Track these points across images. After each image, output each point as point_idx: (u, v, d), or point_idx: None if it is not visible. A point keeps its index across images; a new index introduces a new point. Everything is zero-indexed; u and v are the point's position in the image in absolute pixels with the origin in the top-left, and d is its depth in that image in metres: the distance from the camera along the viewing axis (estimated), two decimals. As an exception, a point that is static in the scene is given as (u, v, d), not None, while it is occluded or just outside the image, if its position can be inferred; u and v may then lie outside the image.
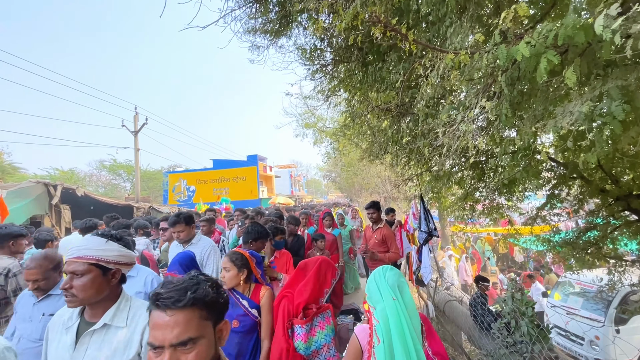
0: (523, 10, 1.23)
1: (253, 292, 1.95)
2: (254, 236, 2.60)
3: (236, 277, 1.91)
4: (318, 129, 11.83)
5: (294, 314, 1.94)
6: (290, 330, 1.89)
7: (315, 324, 1.95)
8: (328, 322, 1.99)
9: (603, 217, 3.58)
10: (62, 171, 23.38)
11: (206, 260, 2.77)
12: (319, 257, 2.34)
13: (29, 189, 7.55)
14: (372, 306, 1.43)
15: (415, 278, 4.29)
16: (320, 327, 1.95)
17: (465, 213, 4.31)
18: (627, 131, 1.42)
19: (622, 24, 1.14)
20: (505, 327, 2.65)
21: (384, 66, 3.01)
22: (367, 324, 1.42)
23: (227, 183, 22.84)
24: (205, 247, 2.83)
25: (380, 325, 1.33)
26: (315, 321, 1.96)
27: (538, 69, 1.30)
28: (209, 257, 2.80)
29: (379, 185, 14.43)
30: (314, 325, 1.94)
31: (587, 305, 5.34)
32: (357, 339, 1.42)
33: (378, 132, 3.86)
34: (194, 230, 2.88)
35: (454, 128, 1.49)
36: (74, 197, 8.51)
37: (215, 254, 2.84)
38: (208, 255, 2.80)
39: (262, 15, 3.56)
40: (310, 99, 8.26)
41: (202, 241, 2.89)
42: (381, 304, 1.39)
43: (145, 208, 10.33)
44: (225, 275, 1.92)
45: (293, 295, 2.03)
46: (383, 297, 1.40)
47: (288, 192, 33.70)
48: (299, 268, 2.23)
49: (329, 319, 2.02)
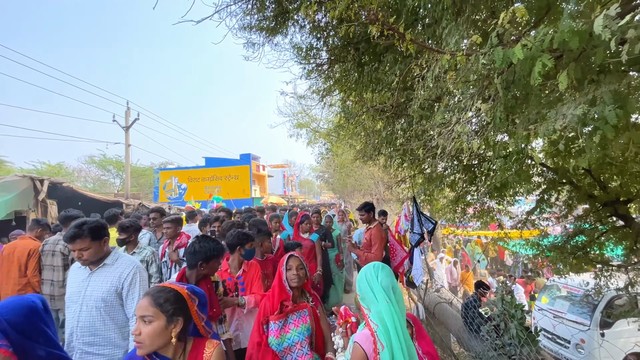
0: (521, 12, 1.23)
1: (191, 354, 1.32)
2: (204, 256, 1.94)
3: (163, 333, 1.22)
4: (312, 129, 11.83)
5: (270, 311, 1.92)
6: (265, 325, 1.90)
7: (290, 322, 1.93)
8: (304, 321, 1.95)
9: (591, 223, 3.65)
10: (50, 165, 22.85)
11: (128, 292, 1.95)
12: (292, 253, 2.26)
13: (14, 183, 7.36)
14: (366, 307, 1.41)
15: (406, 280, 4.30)
16: (295, 325, 1.92)
17: (456, 216, 4.34)
18: (618, 137, 1.43)
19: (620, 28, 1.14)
20: (495, 330, 2.66)
21: (380, 67, 3.01)
22: (368, 330, 1.38)
23: (220, 181, 22.65)
24: (125, 270, 1.97)
25: (380, 330, 1.32)
26: (290, 318, 1.93)
27: (532, 72, 1.31)
28: (132, 287, 1.96)
29: (372, 187, 14.48)
30: (288, 322, 1.92)
31: (573, 309, 5.43)
32: (362, 347, 1.36)
33: (372, 133, 3.86)
34: (106, 247, 1.98)
35: (449, 129, 1.49)
36: (61, 192, 8.32)
37: (142, 280, 2.02)
38: (131, 283, 1.95)
39: (258, 12, 3.53)
40: (305, 99, 8.25)
41: (120, 262, 2.00)
42: (375, 306, 1.37)
43: (135, 205, 10.16)
44: (144, 331, 1.20)
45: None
46: (378, 299, 1.37)
47: (281, 191, 33.61)
48: (278, 265, 2.16)
49: (306, 318, 1.97)
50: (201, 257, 1.93)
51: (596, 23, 0.99)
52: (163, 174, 23.49)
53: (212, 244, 2.00)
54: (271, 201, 18.35)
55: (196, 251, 1.95)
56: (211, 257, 1.97)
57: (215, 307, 1.96)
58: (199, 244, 1.97)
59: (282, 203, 19.53)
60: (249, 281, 2.49)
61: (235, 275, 2.49)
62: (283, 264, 2.02)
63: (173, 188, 23.03)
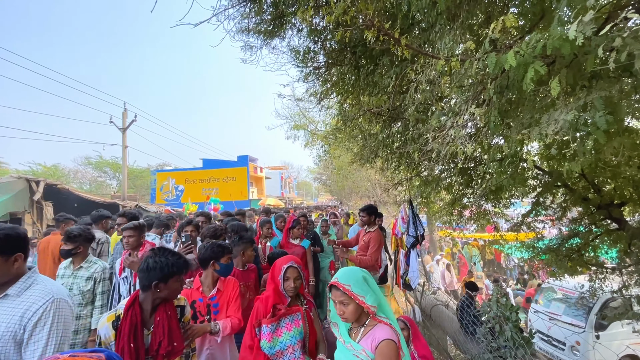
0: (510, 22, 1.26)
1: None
2: (161, 274, 1.54)
3: None
4: (310, 131, 11.85)
5: (263, 314, 1.90)
6: (258, 329, 1.89)
7: (282, 325, 1.90)
8: (297, 325, 1.93)
9: (585, 225, 3.68)
10: (46, 166, 22.71)
11: (30, 336, 1.28)
12: (289, 257, 2.14)
13: (10, 184, 7.31)
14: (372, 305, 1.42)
15: (403, 282, 4.31)
16: (287, 328, 1.90)
17: (452, 218, 4.37)
18: (611, 142, 1.46)
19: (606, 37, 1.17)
20: (490, 332, 2.68)
21: (376, 70, 3.04)
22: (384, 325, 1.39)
23: (217, 183, 22.61)
24: (34, 305, 1.31)
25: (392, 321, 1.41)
26: (283, 322, 1.91)
27: (525, 78, 1.33)
28: (38, 330, 1.30)
29: (369, 189, 14.51)
30: (280, 325, 1.90)
31: (568, 311, 5.46)
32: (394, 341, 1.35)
33: (369, 136, 3.88)
34: (16, 267, 1.35)
35: (444, 133, 1.50)
36: (58, 193, 8.28)
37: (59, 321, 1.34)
38: (37, 324, 1.29)
39: (256, 15, 3.54)
40: (303, 101, 8.26)
41: (31, 292, 1.35)
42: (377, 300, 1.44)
43: (132, 206, 10.12)
44: None
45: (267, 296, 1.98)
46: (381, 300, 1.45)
47: (278, 193, 33.56)
48: (272, 268, 2.08)
49: (299, 321, 1.94)
50: (157, 276, 1.53)
51: (572, 28, 1.02)
52: (160, 176, 23.42)
53: (171, 258, 1.59)
54: (269, 203, 18.33)
55: (150, 268, 1.53)
56: (170, 275, 1.56)
57: (176, 340, 1.57)
58: (154, 259, 1.57)
59: (279, 205, 19.50)
60: (224, 302, 2.11)
61: (208, 296, 2.11)
62: (281, 273, 1.96)
63: (170, 190, 22.95)
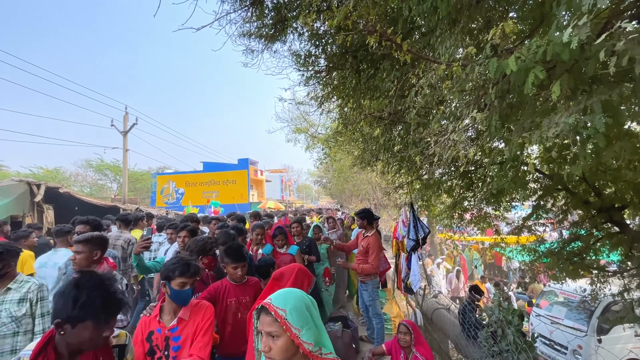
0: (510, 28, 1.27)
1: None
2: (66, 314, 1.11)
3: None
4: (310, 134, 11.88)
5: None
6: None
7: None
8: None
9: (586, 229, 3.68)
10: (47, 170, 22.75)
11: None
12: (295, 265, 2.01)
13: (10, 187, 7.31)
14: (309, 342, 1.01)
15: (404, 286, 4.30)
16: None
17: (453, 221, 4.37)
18: (611, 145, 1.46)
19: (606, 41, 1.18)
20: (492, 336, 2.67)
21: (377, 74, 3.06)
22: None
23: (217, 186, 22.61)
24: None
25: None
26: None
27: (526, 82, 1.34)
28: None
29: (370, 192, 14.52)
30: None
31: (570, 315, 5.44)
32: None
33: (370, 140, 3.90)
34: None
35: (446, 138, 1.51)
36: (58, 196, 8.28)
37: None
38: None
39: (258, 20, 3.57)
40: (304, 105, 8.29)
41: None
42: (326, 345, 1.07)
43: (132, 210, 10.11)
44: None
45: None
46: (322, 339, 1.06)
47: (279, 196, 33.53)
48: (273, 278, 1.92)
49: None
50: (60, 314, 1.11)
51: (566, 32, 1.03)
52: (160, 179, 23.43)
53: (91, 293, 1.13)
54: (269, 206, 18.31)
55: (56, 301, 1.14)
56: (77, 319, 1.10)
57: None
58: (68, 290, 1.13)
59: (280, 208, 19.48)
60: (187, 335, 1.66)
61: (168, 326, 1.67)
62: None
63: (170, 193, 22.96)
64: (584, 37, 1.01)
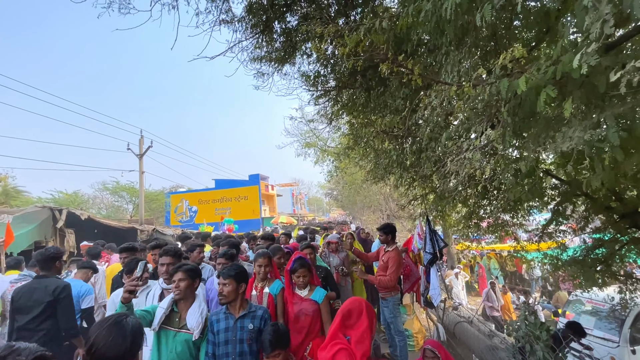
0: (520, 52, 1.31)
1: None
2: None
3: None
4: (320, 148, 11.98)
5: None
6: None
7: None
8: None
9: (610, 234, 3.57)
10: (67, 194, 23.47)
11: None
12: (359, 299, 1.91)
13: (34, 213, 7.60)
14: None
15: (424, 300, 4.23)
16: None
17: (470, 231, 4.30)
18: (630, 158, 1.46)
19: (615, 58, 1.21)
20: (519, 352, 2.60)
21: (386, 91, 3.12)
22: None
23: (230, 203, 22.89)
24: None
25: None
26: None
27: (538, 101, 1.37)
28: None
29: (382, 203, 14.42)
30: None
31: (600, 325, 5.22)
32: None
33: (382, 154, 3.93)
34: None
35: (460, 157, 1.54)
36: (78, 221, 8.54)
37: None
38: None
39: (268, 45, 3.72)
40: (314, 122, 8.42)
41: None
42: None
43: (149, 230, 10.32)
44: None
45: (351, 347, 1.69)
46: None
47: (290, 210, 33.62)
48: (341, 318, 1.81)
49: None
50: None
51: (576, 58, 1.07)
52: (174, 198, 23.89)
53: None
54: (281, 221, 18.37)
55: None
56: None
57: None
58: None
59: (292, 222, 19.50)
60: None
61: None
62: None
63: (184, 211, 23.34)
64: (594, 64, 1.04)
